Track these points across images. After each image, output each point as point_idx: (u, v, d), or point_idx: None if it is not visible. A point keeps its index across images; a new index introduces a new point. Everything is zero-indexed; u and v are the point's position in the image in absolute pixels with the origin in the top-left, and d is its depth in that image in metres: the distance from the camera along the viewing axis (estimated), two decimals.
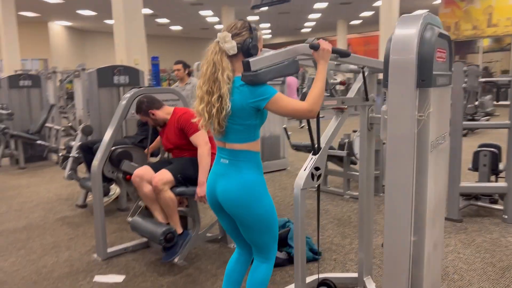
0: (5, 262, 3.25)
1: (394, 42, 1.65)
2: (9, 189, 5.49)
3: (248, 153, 1.93)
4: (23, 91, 7.22)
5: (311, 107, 1.86)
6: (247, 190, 1.92)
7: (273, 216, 2.00)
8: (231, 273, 2.14)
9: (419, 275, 1.76)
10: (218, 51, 1.88)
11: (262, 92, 1.83)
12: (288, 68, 1.91)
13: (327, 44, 1.93)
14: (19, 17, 18.52)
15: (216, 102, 1.84)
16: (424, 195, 1.71)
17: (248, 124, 1.89)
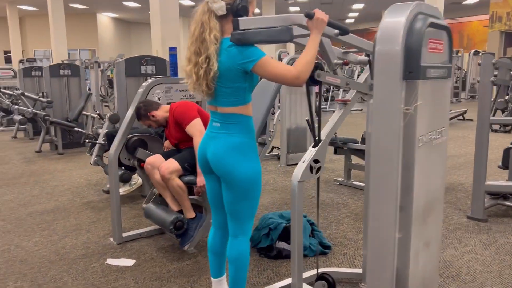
0: (28, 241, 3.44)
1: (380, 32, 1.60)
2: (46, 173, 5.78)
3: (239, 116, 1.94)
4: (63, 80, 7.55)
5: (299, 73, 1.83)
6: (235, 151, 1.94)
7: (257, 184, 2.01)
8: (213, 247, 2.20)
9: (404, 273, 1.71)
10: (206, 11, 1.89)
11: (249, 53, 1.83)
12: (280, 34, 1.86)
13: (322, 14, 1.89)
14: (69, 9, 19.35)
15: (204, 62, 1.85)
16: (411, 192, 1.65)
17: (237, 87, 1.89)
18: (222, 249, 2.17)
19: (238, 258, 2.04)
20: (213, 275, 2.20)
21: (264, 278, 2.79)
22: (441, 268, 2.90)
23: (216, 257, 2.18)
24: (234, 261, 2.04)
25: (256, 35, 1.82)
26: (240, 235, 2.05)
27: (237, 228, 2.05)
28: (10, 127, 9.80)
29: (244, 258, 2.05)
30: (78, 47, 22.11)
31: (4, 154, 7.17)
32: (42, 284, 2.74)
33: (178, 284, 2.72)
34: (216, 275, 2.19)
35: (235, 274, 2.05)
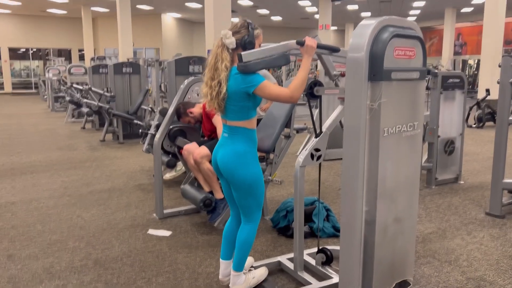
0: (87, 213, 4.09)
1: (351, 42, 1.96)
2: (107, 159, 6.54)
3: (243, 129, 2.37)
4: (125, 77, 8.35)
5: (292, 93, 2.23)
6: (238, 158, 2.35)
7: (259, 183, 2.40)
8: (227, 234, 2.61)
9: (370, 240, 2.05)
10: (220, 45, 2.33)
11: (251, 80, 2.25)
12: (277, 61, 2.29)
13: (312, 41, 2.27)
14: (137, 10, 20.68)
15: (216, 86, 2.30)
16: (376, 173, 2.00)
17: (242, 105, 2.32)
18: (233, 237, 2.58)
19: (246, 241, 2.45)
20: (222, 257, 2.62)
21: (278, 252, 3.21)
22: (441, 254, 3.16)
23: (228, 243, 2.59)
24: (242, 243, 2.45)
25: (257, 65, 2.24)
26: (249, 223, 2.47)
27: (247, 217, 2.47)
28: (80, 118, 10.89)
29: (250, 241, 2.46)
30: (144, 46, 23.51)
31: (74, 142, 8.10)
32: (95, 245, 3.34)
33: (204, 252, 3.21)
34: (224, 258, 2.61)
35: (240, 254, 2.46)
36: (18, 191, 4.84)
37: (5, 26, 23.78)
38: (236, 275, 2.48)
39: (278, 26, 28.34)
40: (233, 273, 2.49)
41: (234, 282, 2.48)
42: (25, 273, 2.89)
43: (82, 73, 12.12)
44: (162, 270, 2.92)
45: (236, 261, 2.47)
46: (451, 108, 5.00)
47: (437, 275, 2.84)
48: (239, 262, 2.47)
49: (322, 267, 2.76)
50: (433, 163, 4.92)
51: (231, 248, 2.59)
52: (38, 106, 15.82)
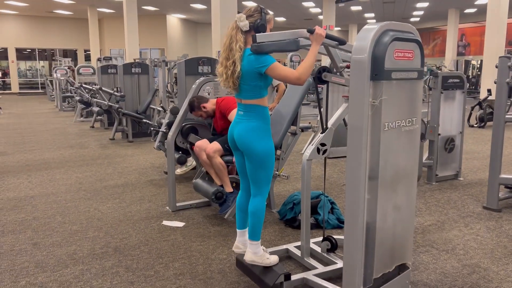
0: (103, 206, 4.31)
1: (355, 44, 2.16)
2: (118, 156, 6.76)
3: (256, 107, 2.58)
4: (134, 77, 8.58)
5: (300, 75, 2.45)
6: (252, 132, 2.57)
7: (270, 157, 2.61)
8: (240, 205, 2.83)
9: (372, 226, 2.25)
10: (234, 27, 2.55)
11: (263, 60, 2.46)
12: (288, 45, 2.49)
13: (321, 30, 2.47)
14: (142, 11, 20.93)
15: (231, 65, 2.51)
16: (377, 164, 2.20)
17: (255, 85, 2.53)
18: (245, 207, 2.80)
19: (256, 212, 2.66)
20: (238, 227, 2.84)
21: (285, 241, 3.41)
22: (440, 244, 3.36)
23: (241, 213, 2.82)
24: (252, 214, 2.66)
25: (269, 46, 2.44)
26: (258, 195, 2.68)
27: (256, 190, 2.68)
28: (89, 118, 11.13)
29: (260, 212, 2.67)
30: (149, 46, 23.77)
31: (84, 140, 8.33)
32: (114, 235, 3.55)
33: (216, 241, 3.42)
34: (240, 227, 2.83)
35: (252, 224, 2.67)
36: (36, 185, 5.07)
37: (12, 27, 24.10)
38: (254, 244, 2.67)
39: (282, 27, 28.54)
40: (249, 241, 2.69)
41: (253, 250, 2.67)
42: (50, 259, 3.11)
43: (90, 73, 12.36)
44: (177, 257, 3.13)
45: (250, 230, 2.68)
46: (451, 107, 5.19)
47: (434, 262, 3.04)
48: (253, 231, 2.67)
49: (327, 253, 2.97)
50: (434, 160, 5.11)
51: (244, 217, 2.80)
52: (46, 106, 16.09)
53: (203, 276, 2.85)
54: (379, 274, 2.33)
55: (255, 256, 2.67)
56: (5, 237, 3.52)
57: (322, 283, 2.60)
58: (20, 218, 3.95)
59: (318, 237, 3.23)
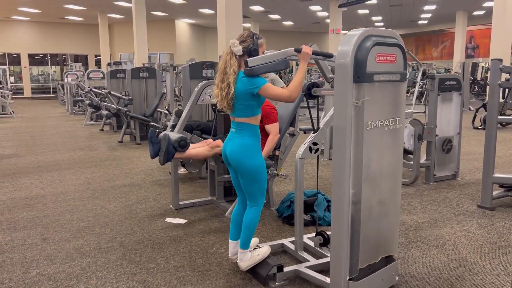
0: (110, 204, 4.50)
1: (339, 49, 2.32)
2: (125, 158, 6.97)
3: (248, 125, 2.73)
4: (142, 81, 8.81)
5: (291, 93, 2.60)
6: (243, 149, 2.72)
7: (262, 172, 2.76)
8: (235, 217, 2.97)
9: (357, 218, 2.40)
10: (229, 52, 2.72)
11: (255, 82, 2.63)
12: (278, 66, 2.66)
13: (307, 49, 2.63)
14: (152, 16, 21.26)
15: (226, 88, 2.68)
16: (360, 161, 2.35)
17: (248, 104, 2.69)
18: (240, 219, 2.93)
19: (250, 224, 2.80)
20: (231, 238, 2.97)
21: (282, 237, 3.56)
22: (430, 240, 3.48)
23: (235, 225, 2.95)
24: (247, 226, 2.80)
25: (260, 69, 2.61)
26: (253, 207, 2.83)
27: (252, 202, 2.82)
28: (98, 121, 11.39)
29: (254, 223, 2.80)
30: (158, 51, 24.12)
31: (93, 142, 8.56)
32: (119, 231, 3.74)
33: (216, 236, 3.58)
34: (233, 238, 2.96)
35: (246, 235, 2.81)
36: (46, 185, 5.28)
37: (25, 33, 24.62)
38: (242, 252, 2.84)
39: (290, 31, 28.73)
40: (240, 250, 2.85)
41: (241, 258, 2.84)
42: (59, 253, 3.30)
43: (100, 77, 12.64)
44: (178, 251, 3.30)
45: (242, 240, 2.83)
46: (449, 109, 5.30)
47: (423, 257, 3.17)
48: (245, 241, 2.83)
49: (320, 248, 3.11)
50: (431, 161, 5.22)
51: (238, 229, 2.94)
52: (57, 110, 16.43)
53: (201, 269, 3.02)
54: (364, 265, 2.47)
55: (247, 262, 2.82)
56: (17, 232, 3.72)
57: (312, 274, 2.75)
58: (31, 216, 4.15)
59: (313, 233, 3.38)
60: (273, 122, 4.00)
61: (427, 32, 30.03)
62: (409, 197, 4.66)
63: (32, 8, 20.19)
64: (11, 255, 3.26)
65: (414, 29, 29.59)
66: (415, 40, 31.74)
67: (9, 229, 3.80)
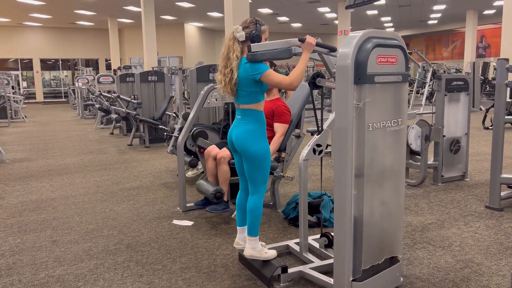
0: (119, 206, 4.56)
1: (339, 51, 2.33)
2: (134, 161, 7.04)
3: (252, 111, 2.78)
4: (151, 85, 8.89)
5: (292, 81, 2.64)
6: (248, 134, 2.76)
7: (266, 158, 2.79)
8: (239, 204, 3.02)
9: (359, 220, 2.41)
10: (232, 38, 2.76)
11: (258, 68, 2.66)
12: (281, 54, 2.67)
13: (311, 39, 2.65)
14: (161, 20, 21.43)
15: (229, 73, 2.72)
16: (362, 162, 2.36)
17: (251, 91, 2.73)
18: (244, 205, 2.99)
19: (253, 209, 2.84)
20: (238, 224, 3.03)
21: (287, 238, 3.58)
22: (437, 241, 3.47)
23: (241, 211, 3.01)
24: (250, 211, 2.85)
25: (263, 55, 2.64)
26: (255, 194, 2.86)
27: (253, 189, 2.86)
28: (109, 125, 11.50)
29: (257, 209, 2.85)
30: (168, 55, 24.30)
31: (103, 146, 8.66)
32: (126, 233, 3.78)
33: (222, 238, 3.61)
34: (240, 224, 3.02)
35: (251, 221, 2.85)
36: (56, 188, 5.36)
37: (36, 38, 24.98)
38: (252, 239, 2.86)
39: (298, 33, 28.72)
40: (248, 238, 2.88)
41: (252, 246, 2.86)
42: (68, 254, 3.35)
43: (110, 82, 12.78)
44: (185, 253, 3.33)
45: (248, 227, 2.86)
46: (456, 109, 5.28)
47: (429, 258, 3.16)
48: (251, 228, 2.86)
49: (324, 249, 3.12)
50: (439, 162, 5.20)
51: (243, 215, 2.99)
52: (68, 114, 16.64)
53: (207, 270, 3.04)
54: (367, 266, 2.48)
55: (254, 251, 2.84)
56: (28, 235, 3.79)
57: (317, 275, 2.76)
58: (41, 218, 4.22)
59: (318, 234, 3.39)
60: (283, 122, 4.02)
61: (437, 32, 29.82)
62: (416, 198, 4.64)
63: (43, 14, 20.48)
64: (21, 257, 3.33)
65: (424, 29, 29.40)
66: (425, 40, 31.54)
67: (20, 232, 3.87)
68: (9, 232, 3.87)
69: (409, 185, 5.14)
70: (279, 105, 4.08)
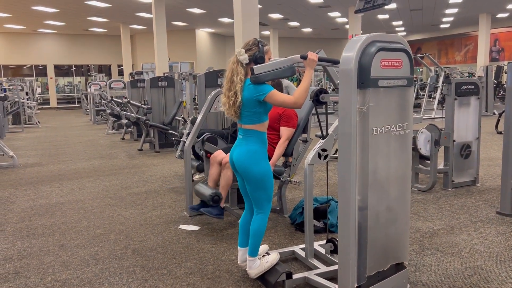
0: (126, 211, 4.58)
1: (342, 55, 2.32)
2: (144, 166, 7.08)
3: (255, 132, 2.75)
4: (161, 90, 8.95)
5: (296, 100, 2.62)
6: (249, 155, 2.73)
7: (268, 179, 2.76)
8: (243, 225, 2.98)
9: (363, 225, 2.38)
10: (235, 61, 2.75)
11: (261, 89, 2.65)
12: (284, 73, 2.67)
13: (313, 55, 2.64)
14: (172, 26, 21.61)
15: (233, 96, 2.71)
16: (366, 166, 2.33)
17: (255, 111, 2.71)
18: (247, 226, 2.94)
19: (257, 231, 2.81)
20: (239, 245, 2.99)
21: (294, 244, 3.55)
22: (446, 247, 3.41)
23: (243, 232, 2.96)
24: (254, 233, 2.81)
25: (266, 76, 2.63)
26: (260, 214, 2.83)
27: (258, 209, 2.83)
28: (120, 130, 11.60)
29: (261, 230, 2.81)
30: (179, 60, 24.45)
31: (114, 151, 8.73)
32: (133, 238, 3.80)
33: (227, 243, 3.60)
34: (241, 245, 2.98)
35: (253, 242, 2.82)
36: (66, 193, 5.41)
37: (50, 45, 25.35)
38: (251, 260, 2.85)
39: (309, 37, 28.71)
40: (248, 258, 2.86)
41: (250, 266, 2.85)
42: (74, 259, 3.37)
43: (121, 87, 12.90)
44: (190, 258, 3.33)
45: (250, 247, 2.84)
46: (467, 113, 5.21)
47: (437, 264, 3.11)
48: (253, 248, 2.83)
49: (330, 255, 3.09)
50: (449, 166, 5.13)
51: (246, 237, 2.95)
52: (81, 119, 16.82)
53: (212, 275, 3.03)
54: (372, 272, 2.45)
55: (256, 270, 2.83)
56: (36, 239, 3.82)
57: (321, 281, 2.74)
58: (50, 223, 4.26)
59: (325, 240, 3.36)
60: (290, 126, 4.01)
61: (449, 36, 29.55)
62: (426, 204, 4.58)
63: (57, 21, 20.78)
64: (29, 261, 3.35)
65: (436, 33, 29.16)
66: (437, 44, 31.27)
67: (28, 236, 3.91)
68: (18, 236, 3.91)
69: (419, 190, 5.08)
70: (288, 109, 4.07)
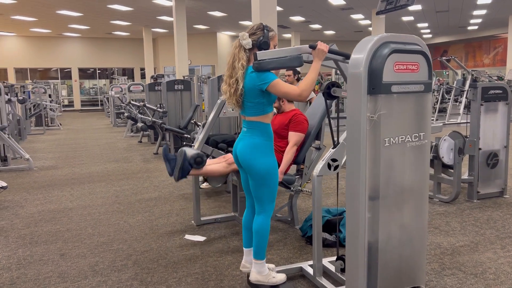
0: (133, 219, 4.44)
1: (351, 58, 2.10)
2: (157, 170, 6.97)
3: (259, 124, 2.57)
4: (177, 94, 8.84)
5: (302, 91, 2.42)
6: (255, 149, 2.55)
7: (272, 175, 2.57)
8: (245, 223, 2.82)
9: (374, 246, 2.15)
10: (238, 46, 2.56)
11: (264, 77, 2.45)
12: (290, 62, 2.45)
13: (323, 46, 2.44)
14: (194, 30, 21.63)
15: (234, 83, 2.52)
16: (377, 181, 2.11)
17: (257, 102, 2.52)
18: (250, 224, 2.77)
19: (259, 231, 2.63)
20: (244, 246, 2.82)
21: (303, 259, 3.33)
22: (469, 266, 3.13)
23: (247, 231, 2.80)
24: (256, 233, 2.64)
25: (270, 63, 2.43)
26: (262, 213, 2.64)
27: (260, 208, 2.65)
28: (138, 133, 11.57)
29: (264, 230, 2.63)
30: (200, 64, 24.47)
31: (130, 155, 8.66)
32: (136, 248, 3.64)
33: (233, 256, 3.41)
34: (246, 246, 2.81)
35: (257, 243, 2.64)
36: (76, 198, 5.33)
37: (75, 48, 25.77)
38: (258, 263, 2.65)
39: (331, 40, 28.32)
40: (254, 261, 2.67)
41: (258, 270, 2.66)
42: (73, 270, 3.24)
43: (140, 90, 12.90)
44: (192, 272, 3.15)
45: (254, 249, 2.65)
46: (494, 120, 4.88)
47: (459, 286, 2.84)
48: (257, 250, 2.65)
49: (340, 273, 2.86)
50: (474, 176, 4.81)
51: (250, 236, 2.78)
52: (102, 122, 16.95)
53: None
54: None
55: (260, 276, 2.63)
56: (37, 247, 3.72)
57: None
58: (54, 229, 4.16)
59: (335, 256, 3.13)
60: (299, 131, 3.79)
61: (477, 38, 28.68)
62: (448, 217, 4.28)
63: (81, 25, 21.07)
64: (26, 271, 3.24)
65: (463, 35, 28.35)
66: (465, 47, 30.40)
67: (31, 243, 3.81)
68: (21, 244, 3.81)
69: (441, 202, 4.78)
70: (297, 113, 3.87)
